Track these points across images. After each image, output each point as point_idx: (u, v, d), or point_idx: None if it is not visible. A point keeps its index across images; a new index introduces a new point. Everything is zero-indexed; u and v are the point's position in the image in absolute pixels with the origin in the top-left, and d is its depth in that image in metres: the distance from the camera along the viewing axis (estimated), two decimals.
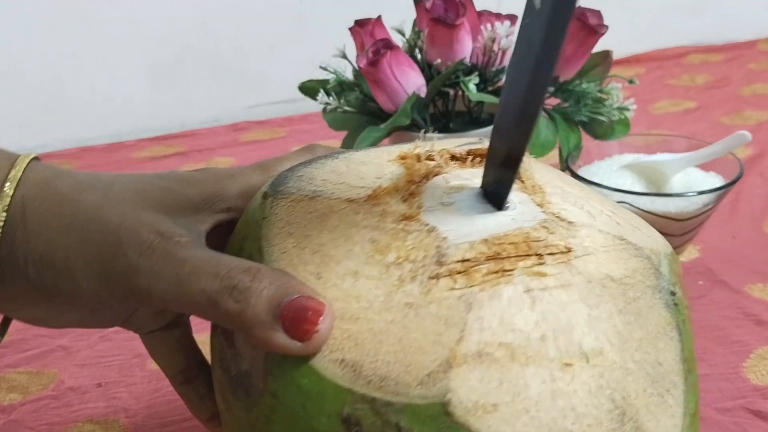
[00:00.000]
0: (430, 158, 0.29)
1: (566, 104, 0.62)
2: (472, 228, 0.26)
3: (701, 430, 0.41)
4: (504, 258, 0.25)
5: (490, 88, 0.62)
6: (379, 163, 0.30)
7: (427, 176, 0.28)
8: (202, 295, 0.25)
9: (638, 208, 0.54)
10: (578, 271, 0.25)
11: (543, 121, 0.59)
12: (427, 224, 0.26)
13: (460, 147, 0.31)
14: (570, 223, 0.27)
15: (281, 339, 0.24)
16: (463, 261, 0.25)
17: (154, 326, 0.33)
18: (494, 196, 0.27)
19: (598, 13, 0.59)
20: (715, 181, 0.57)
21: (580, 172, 0.58)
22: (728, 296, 0.54)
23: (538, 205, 0.27)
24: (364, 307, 0.24)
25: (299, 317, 0.24)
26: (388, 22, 0.64)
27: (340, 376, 0.23)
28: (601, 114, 0.60)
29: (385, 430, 0.23)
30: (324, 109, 0.64)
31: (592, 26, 0.58)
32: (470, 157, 0.30)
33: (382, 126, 0.58)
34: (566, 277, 0.25)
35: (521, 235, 0.26)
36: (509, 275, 0.25)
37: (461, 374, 0.23)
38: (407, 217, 0.26)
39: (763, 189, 0.69)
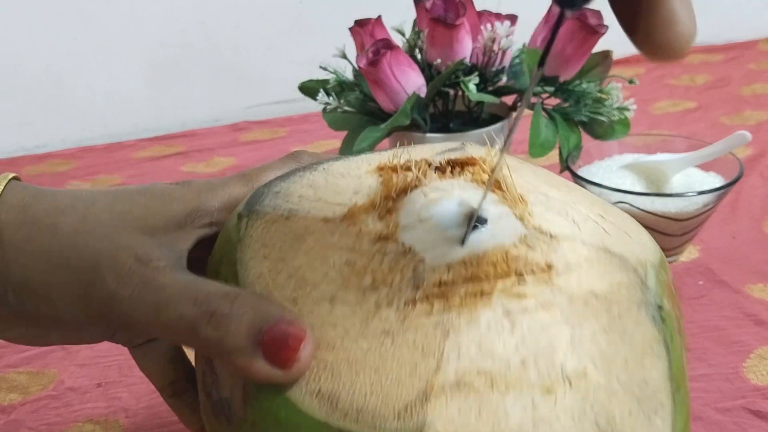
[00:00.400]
0: (407, 169, 0.29)
1: (566, 104, 0.62)
2: (450, 247, 0.25)
3: (701, 430, 0.41)
4: (482, 280, 0.24)
5: (490, 88, 0.62)
6: (357, 175, 0.29)
7: (405, 190, 0.27)
8: (180, 321, 0.24)
9: (638, 208, 0.54)
10: (560, 290, 0.25)
11: (543, 121, 0.59)
12: (403, 244, 0.25)
13: (440, 155, 0.30)
14: (552, 237, 0.26)
15: (261, 366, 0.23)
16: (440, 284, 0.24)
17: (141, 340, 0.33)
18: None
19: (598, 13, 0.59)
20: (715, 181, 0.57)
21: (580, 172, 0.58)
22: (728, 296, 0.54)
23: (519, 218, 0.27)
24: (341, 335, 0.24)
25: (280, 344, 0.23)
26: (388, 22, 0.64)
27: (317, 409, 0.23)
28: (601, 114, 0.60)
29: None
30: (324, 109, 0.64)
31: (592, 26, 0.58)
32: (449, 168, 0.29)
33: (382, 126, 0.58)
34: (547, 297, 0.24)
35: (500, 253, 0.25)
36: (488, 298, 0.24)
37: (439, 406, 0.22)
38: (384, 238, 0.26)
39: (763, 189, 0.69)
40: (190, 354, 0.34)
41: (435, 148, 0.31)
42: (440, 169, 0.29)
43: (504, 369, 0.23)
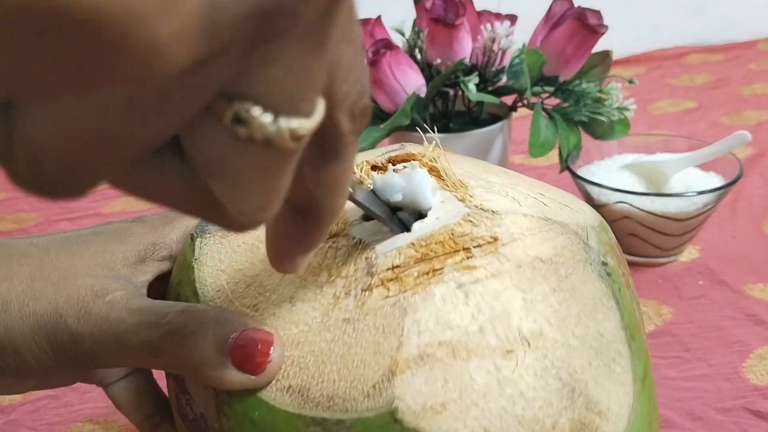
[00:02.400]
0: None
1: (566, 104, 0.62)
2: (398, 235, 0.26)
3: (701, 430, 0.41)
4: (432, 258, 0.25)
5: (489, 88, 0.62)
6: None
7: (351, 186, 0.28)
8: (144, 347, 0.24)
9: (638, 208, 0.54)
10: (507, 258, 0.26)
11: (543, 121, 0.59)
12: (353, 237, 0.26)
13: (381, 156, 0.31)
14: (494, 212, 0.27)
15: (233, 376, 0.24)
16: (393, 268, 0.25)
17: (115, 377, 0.33)
18: None
19: (597, 13, 0.59)
20: (714, 181, 0.57)
21: (580, 172, 0.58)
22: (728, 296, 0.54)
23: (461, 200, 0.28)
24: (304, 331, 0.25)
25: (249, 351, 0.23)
26: (388, 22, 0.64)
27: (289, 404, 0.23)
28: (600, 114, 0.60)
29: None
30: None
31: (592, 26, 0.58)
32: (390, 165, 0.30)
33: (382, 126, 0.58)
34: (496, 266, 0.25)
35: (446, 232, 0.26)
36: (440, 274, 0.25)
37: (405, 380, 0.23)
38: (334, 234, 0.27)
39: (763, 189, 0.69)
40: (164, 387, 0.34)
41: (376, 152, 0.32)
42: (382, 168, 0.30)
43: (464, 337, 0.24)
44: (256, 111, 0.15)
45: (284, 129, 0.15)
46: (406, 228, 0.27)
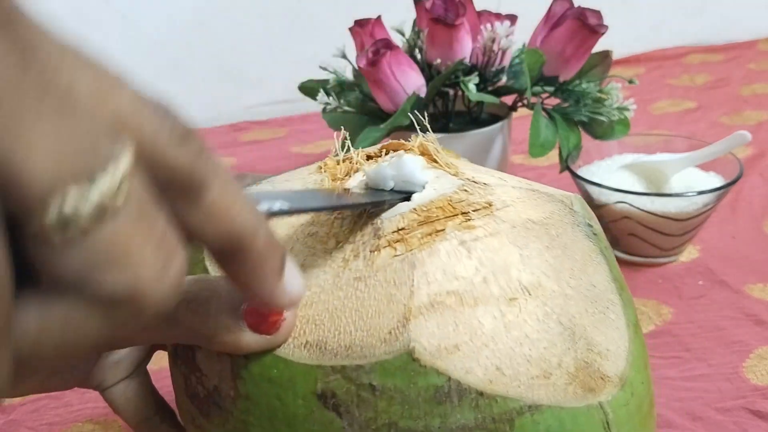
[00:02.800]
0: (348, 160, 0.31)
1: (566, 104, 0.62)
2: (399, 203, 0.28)
3: (701, 430, 0.41)
4: (434, 220, 0.27)
5: (489, 88, 0.62)
6: (301, 177, 0.32)
7: (349, 173, 0.30)
8: (160, 318, 0.24)
9: (638, 208, 0.54)
10: (502, 220, 0.28)
11: (543, 121, 0.59)
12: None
13: (374, 148, 0.33)
14: (485, 184, 0.29)
15: (249, 338, 0.24)
16: (399, 230, 0.27)
17: (113, 379, 0.33)
18: None
19: (597, 13, 0.59)
20: (714, 181, 0.57)
21: (580, 172, 0.58)
22: (728, 296, 0.54)
23: (454, 175, 0.30)
24: (317, 292, 0.26)
25: (263, 312, 0.24)
26: (388, 22, 0.64)
27: (307, 357, 0.24)
28: (600, 114, 0.60)
29: (360, 393, 0.24)
30: (324, 109, 0.64)
31: (592, 26, 0.58)
32: (384, 152, 0.32)
33: (382, 126, 0.58)
34: (493, 226, 0.27)
35: (444, 199, 0.28)
36: (442, 234, 0.27)
37: (419, 324, 0.24)
38: None
39: (762, 189, 0.69)
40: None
41: (368, 149, 0.34)
42: (376, 156, 0.32)
43: (469, 287, 0.25)
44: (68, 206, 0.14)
45: (88, 206, 0.14)
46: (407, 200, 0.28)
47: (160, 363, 0.50)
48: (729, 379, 0.45)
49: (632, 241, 0.57)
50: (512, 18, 0.61)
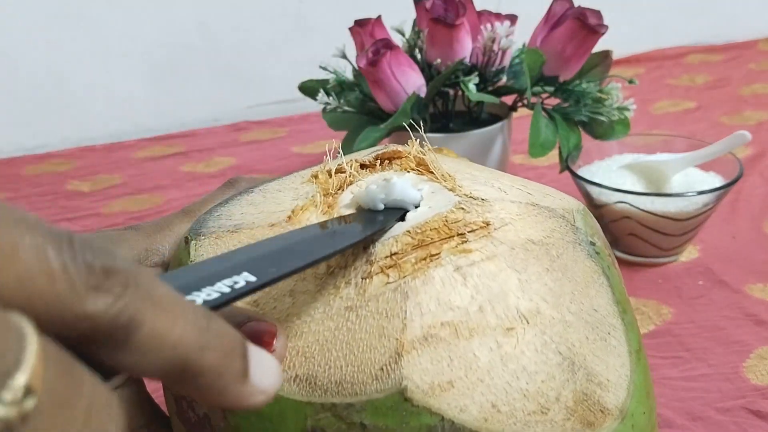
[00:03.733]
0: (340, 171, 0.31)
1: (566, 104, 0.62)
2: (394, 224, 0.27)
3: (701, 430, 0.41)
4: (429, 244, 0.26)
5: (489, 88, 0.62)
6: (293, 187, 0.31)
7: (341, 187, 0.29)
8: None
9: (638, 208, 0.54)
10: (500, 242, 0.27)
11: (543, 121, 0.59)
12: None
13: (368, 155, 0.32)
14: (483, 200, 0.28)
15: None
16: (392, 255, 0.26)
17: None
18: None
19: (598, 13, 0.59)
20: (714, 181, 0.57)
21: (580, 172, 0.58)
22: (728, 296, 0.54)
23: (450, 190, 0.29)
24: (307, 321, 0.25)
25: (254, 342, 0.23)
26: (388, 22, 0.64)
27: (297, 392, 0.24)
28: (601, 114, 0.60)
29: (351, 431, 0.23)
30: (324, 109, 0.64)
31: (592, 26, 0.58)
32: (378, 162, 0.31)
33: (382, 126, 0.58)
34: (490, 249, 0.26)
35: (440, 220, 0.27)
36: (437, 258, 0.26)
37: (412, 360, 0.23)
38: None
39: (763, 189, 0.69)
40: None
41: (361, 153, 0.33)
42: (370, 166, 0.31)
43: (465, 317, 0.24)
44: None
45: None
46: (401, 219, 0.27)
47: None
48: (729, 379, 0.45)
49: (632, 241, 0.57)
50: (512, 18, 0.61)
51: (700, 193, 0.53)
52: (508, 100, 0.65)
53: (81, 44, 0.98)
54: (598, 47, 0.60)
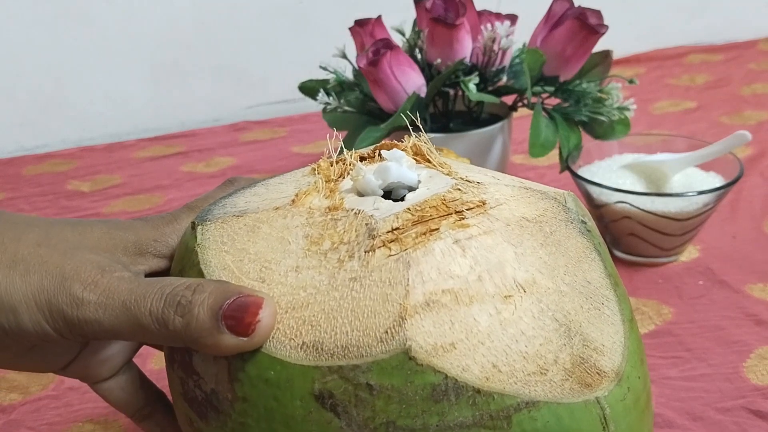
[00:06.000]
0: (341, 162, 0.32)
1: (566, 104, 0.62)
2: (393, 203, 0.28)
3: (701, 430, 0.41)
4: (428, 220, 0.27)
5: (490, 88, 0.62)
6: (295, 179, 0.32)
7: (342, 175, 0.31)
8: (149, 317, 0.25)
9: (638, 208, 0.54)
10: (496, 218, 0.28)
11: (543, 120, 0.59)
12: (352, 209, 0.28)
13: (368, 149, 0.33)
14: (478, 183, 0.30)
15: (228, 339, 0.25)
16: (393, 230, 0.27)
17: (101, 376, 0.33)
18: None
19: (598, 13, 0.59)
20: (715, 180, 0.57)
21: (580, 172, 0.58)
22: (728, 296, 0.53)
23: (447, 174, 0.30)
24: (312, 294, 0.26)
25: (240, 314, 0.25)
26: (388, 22, 0.64)
27: (304, 358, 0.24)
28: (601, 114, 0.60)
29: (358, 392, 0.24)
30: (324, 109, 0.64)
31: (592, 26, 0.58)
32: (377, 153, 0.32)
33: (382, 126, 0.58)
34: (487, 225, 0.27)
35: (438, 198, 0.28)
36: (437, 232, 0.27)
37: (415, 323, 0.24)
38: (333, 208, 0.28)
39: (763, 189, 0.69)
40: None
41: (361, 150, 0.34)
42: (370, 157, 0.32)
43: (464, 285, 0.26)
44: None
45: None
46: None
47: (161, 363, 0.50)
48: (729, 379, 0.45)
49: (632, 241, 0.57)
50: (512, 18, 0.61)
51: (701, 193, 0.53)
52: (509, 100, 0.65)
53: (81, 44, 0.98)
54: (598, 47, 0.60)
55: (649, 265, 0.58)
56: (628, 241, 0.57)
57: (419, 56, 0.63)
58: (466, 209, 0.28)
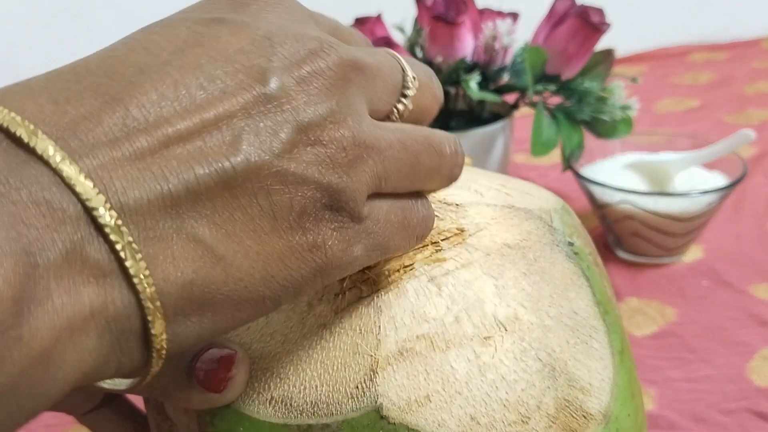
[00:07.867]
0: None
1: (568, 103, 0.62)
2: None
3: (705, 431, 0.41)
4: (402, 255, 0.25)
5: (491, 87, 0.62)
6: None
7: None
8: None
9: (641, 208, 0.54)
10: (475, 248, 0.26)
11: (545, 120, 0.59)
12: None
13: None
14: (457, 205, 0.28)
15: (199, 396, 0.23)
16: (364, 269, 0.25)
17: (86, 408, 0.32)
18: None
19: (600, 11, 0.59)
20: (718, 180, 0.57)
21: (583, 172, 0.58)
22: (732, 297, 0.53)
23: None
24: (281, 341, 0.25)
25: (211, 370, 0.23)
26: (389, 20, 0.64)
27: (273, 415, 0.23)
28: (603, 113, 0.60)
29: None
30: None
31: (595, 24, 0.57)
32: None
33: None
34: (465, 257, 0.26)
35: None
36: (411, 270, 0.25)
37: (387, 377, 0.23)
38: None
39: (767, 188, 0.69)
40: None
41: None
42: None
43: (440, 329, 0.24)
44: None
45: None
46: None
47: None
48: (733, 380, 0.45)
49: (635, 241, 0.57)
50: (514, 16, 0.61)
51: (704, 192, 0.53)
52: (510, 98, 0.64)
53: (81, 44, 0.98)
54: (600, 45, 0.60)
55: (652, 265, 0.58)
56: (631, 241, 0.57)
57: (420, 54, 0.63)
58: (442, 239, 0.26)
